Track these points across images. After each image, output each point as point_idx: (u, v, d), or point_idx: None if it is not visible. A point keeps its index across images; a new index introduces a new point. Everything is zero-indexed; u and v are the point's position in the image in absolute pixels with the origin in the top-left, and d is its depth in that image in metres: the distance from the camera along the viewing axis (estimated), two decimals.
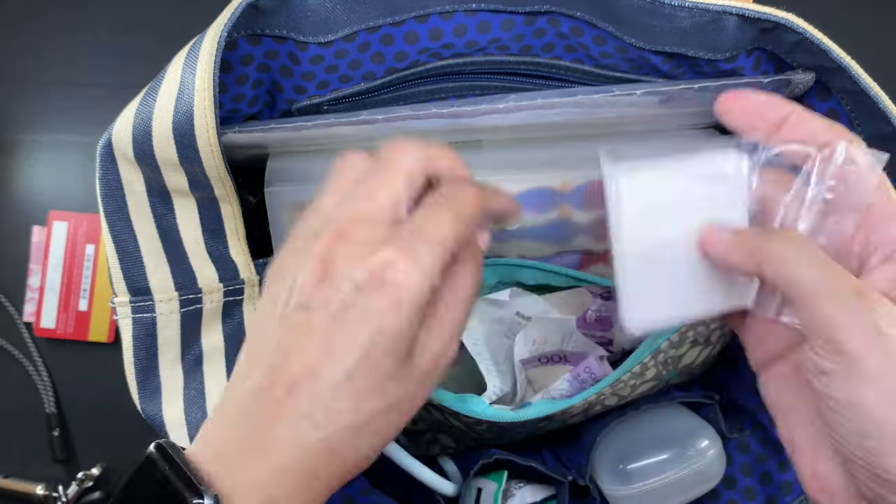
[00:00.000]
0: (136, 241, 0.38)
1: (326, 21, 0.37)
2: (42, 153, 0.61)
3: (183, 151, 0.34)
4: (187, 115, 0.34)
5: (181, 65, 0.35)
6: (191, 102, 0.33)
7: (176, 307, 0.38)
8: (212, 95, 0.33)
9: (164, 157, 0.35)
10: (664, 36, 0.38)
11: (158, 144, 0.35)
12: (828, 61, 0.36)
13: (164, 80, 0.35)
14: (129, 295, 0.38)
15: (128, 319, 0.38)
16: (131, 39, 0.61)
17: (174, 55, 0.60)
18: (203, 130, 0.34)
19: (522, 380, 0.42)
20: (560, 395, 0.41)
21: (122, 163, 0.37)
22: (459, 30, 0.40)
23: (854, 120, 0.38)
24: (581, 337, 0.43)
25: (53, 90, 0.61)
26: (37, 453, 0.58)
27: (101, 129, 0.60)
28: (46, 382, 0.59)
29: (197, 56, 0.34)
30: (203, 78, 0.33)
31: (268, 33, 0.37)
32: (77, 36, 0.61)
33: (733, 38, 0.38)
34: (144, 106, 0.35)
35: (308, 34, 0.38)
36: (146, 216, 0.38)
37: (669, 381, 0.43)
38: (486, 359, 0.42)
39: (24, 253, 0.60)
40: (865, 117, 0.38)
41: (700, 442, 0.40)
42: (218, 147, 0.34)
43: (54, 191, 0.61)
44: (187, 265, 0.38)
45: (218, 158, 0.34)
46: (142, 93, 0.36)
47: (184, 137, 0.34)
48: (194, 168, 0.35)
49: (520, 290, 0.44)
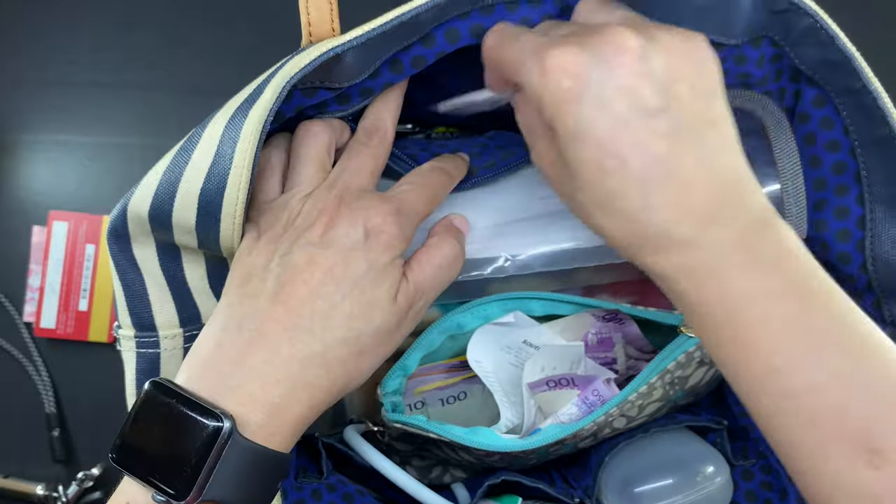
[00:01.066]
0: (142, 281, 0.38)
1: (360, 68, 0.37)
2: (42, 153, 0.60)
3: (203, 219, 0.35)
4: (219, 185, 0.34)
5: (219, 133, 0.35)
6: (225, 175, 0.34)
7: (180, 343, 0.39)
8: (249, 173, 0.33)
9: (179, 221, 0.35)
10: (682, 14, 0.38)
11: (179, 207, 0.35)
12: (833, 51, 0.36)
13: (199, 143, 0.35)
14: (135, 330, 0.39)
15: (132, 353, 0.39)
16: (131, 39, 0.61)
17: (174, 55, 0.60)
18: (231, 204, 0.34)
19: (531, 405, 0.43)
20: (569, 420, 0.41)
21: (133, 220, 0.37)
22: (476, 29, 0.39)
23: (849, 127, 0.38)
24: (589, 361, 0.44)
25: (53, 90, 0.60)
26: (37, 453, 0.59)
27: (102, 128, 0.60)
28: (46, 382, 0.59)
29: (239, 131, 0.34)
30: (242, 156, 0.33)
31: (299, 87, 0.37)
32: (77, 36, 0.60)
33: (746, 20, 0.37)
34: (175, 166, 0.35)
35: (343, 81, 0.38)
36: (153, 262, 0.38)
37: (677, 401, 0.44)
38: (497, 390, 0.43)
39: (24, 253, 0.59)
40: (862, 122, 0.38)
41: (708, 468, 0.41)
42: (241, 221, 0.34)
43: (54, 191, 0.60)
44: (192, 302, 0.39)
45: (237, 231, 0.35)
46: (173, 152, 0.36)
47: (209, 206, 0.34)
48: (209, 235, 0.35)
49: (524, 316, 0.44)
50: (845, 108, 0.38)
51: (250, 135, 0.33)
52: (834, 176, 0.39)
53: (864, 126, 0.38)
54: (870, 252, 0.39)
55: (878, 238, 0.39)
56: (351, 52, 0.35)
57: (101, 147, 0.60)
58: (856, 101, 0.37)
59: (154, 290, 0.38)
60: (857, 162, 0.39)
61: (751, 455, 0.44)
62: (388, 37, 0.35)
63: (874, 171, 0.38)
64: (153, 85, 0.60)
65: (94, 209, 0.60)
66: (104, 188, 0.60)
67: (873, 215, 0.39)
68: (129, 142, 0.60)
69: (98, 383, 0.59)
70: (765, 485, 0.42)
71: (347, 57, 0.35)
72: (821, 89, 0.39)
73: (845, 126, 0.39)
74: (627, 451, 0.43)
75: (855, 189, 0.39)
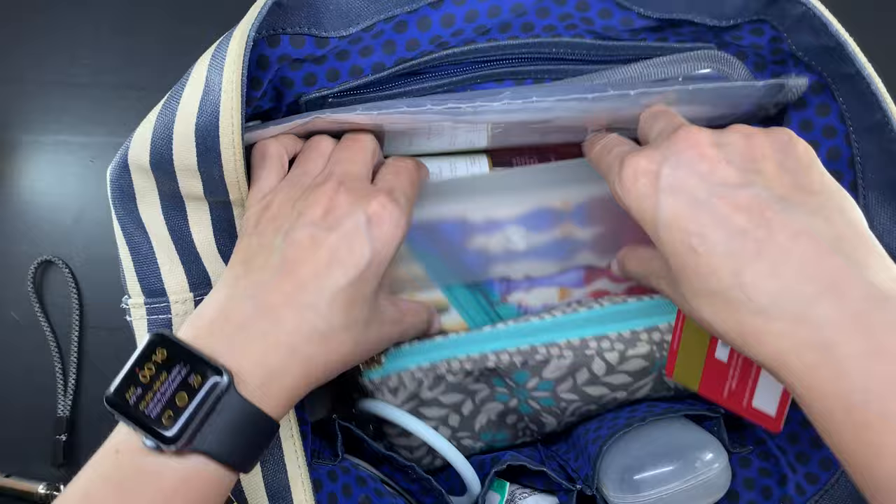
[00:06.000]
0: (149, 244, 0.38)
1: (347, 13, 0.37)
2: (43, 153, 0.61)
3: (204, 155, 0.34)
4: (212, 115, 0.33)
5: (206, 67, 0.34)
6: (217, 103, 0.33)
7: (191, 307, 0.38)
8: (239, 95, 0.33)
9: (182, 163, 0.35)
10: (673, 2, 0.39)
11: (178, 148, 0.34)
12: (827, 38, 0.37)
13: (188, 83, 0.35)
14: (144, 297, 0.38)
15: (143, 321, 0.39)
16: (132, 39, 0.61)
17: (174, 55, 0.60)
18: (228, 131, 0.33)
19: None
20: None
21: (136, 171, 0.37)
22: (471, 15, 0.40)
23: (845, 113, 0.39)
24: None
25: (54, 90, 0.61)
26: (39, 453, 0.58)
27: (102, 128, 0.60)
28: (71, 387, 0.59)
29: (224, 56, 0.33)
30: (230, 78, 0.33)
31: (288, 31, 0.37)
32: (78, 36, 0.61)
33: (740, 5, 0.39)
34: (167, 110, 0.35)
35: (329, 29, 0.37)
36: (158, 221, 0.38)
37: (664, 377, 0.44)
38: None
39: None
40: (857, 108, 0.38)
41: (706, 454, 0.41)
42: (241, 149, 0.34)
43: (55, 191, 0.60)
44: (200, 265, 0.38)
45: (239, 161, 0.34)
46: (163, 99, 0.36)
47: (207, 139, 0.34)
48: (212, 172, 0.35)
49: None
50: (841, 95, 0.39)
51: (236, 55, 0.33)
52: (828, 161, 0.40)
53: (859, 112, 0.38)
54: None
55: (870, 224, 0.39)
56: None
57: (102, 147, 0.61)
58: (851, 87, 0.38)
59: (162, 253, 0.38)
60: (852, 148, 0.39)
61: (748, 442, 0.44)
62: None
63: (868, 158, 0.39)
64: (153, 85, 0.61)
65: (95, 209, 0.60)
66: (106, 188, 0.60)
67: (866, 201, 0.39)
68: None
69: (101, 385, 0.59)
70: (763, 471, 0.42)
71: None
72: (818, 75, 0.39)
73: (841, 112, 0.39)
74: (626, 440, 0.43)
75: (848, 175, 0.40)
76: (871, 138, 0.38)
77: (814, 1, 0.37)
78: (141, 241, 0.38)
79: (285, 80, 0.41)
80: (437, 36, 0.40)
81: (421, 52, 0.41)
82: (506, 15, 0.41)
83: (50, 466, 0.58)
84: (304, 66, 0.40)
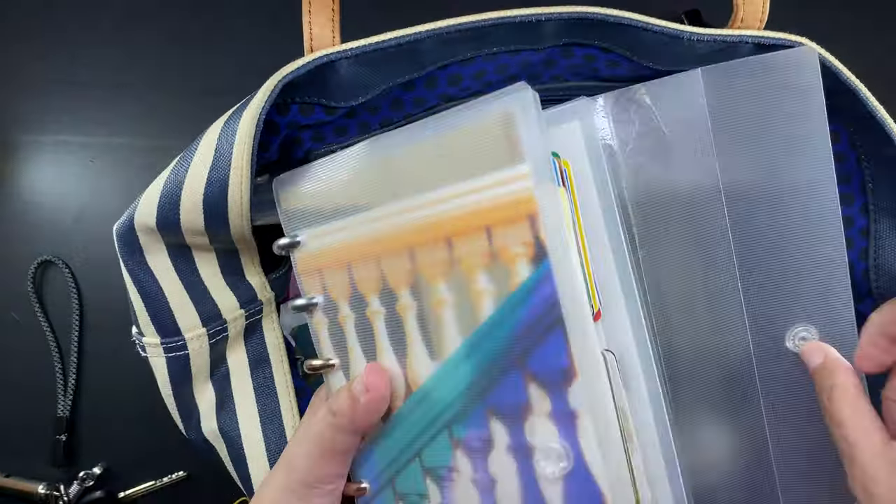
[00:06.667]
0: (159, 287, 0.39)
1: (356, 86, 0.37)
2: (43, 153, 0.60)
3: (211, 221, 0.35)
4: (220, 189, 0.34)
5: (216, 138, 0.35)
6: (225, 178, 0.34)
7: (206, 342, 0.39)
8: (249, 175, 0.34)
9: (189, 226, 0.36)
10: (684, 59, 0.39)
11: (186, 214, 0.35)
12: (837, 84, 0.36)
13: (197, 152, 0.36)
14: (160, 336, 0.39)
15: (161, 359, 0.40)
16: (132, 39, 0.60)
17: (174, 55, 0.60)
18: (237, 206, 0.35)
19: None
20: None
21: (141, 231, 0.38)
22: (479, 73, 0.40)
23: (853, 136, 0.39)
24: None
25: (55, 90, 0.60)
26: (39, 453, 0.59)
27: (102, 128, 0.60)
28: (71, 387, 0.59)
29: (234, 132, 0.34)
30: (240, 157, 0.34)
31: (297, 101, 0.38)
32: (78, 36, 0.60)
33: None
34: (175, 175, 0.36)
35: (339, 100, 0.38)
36: (167, 265, 0.39)
37: None
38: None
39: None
40: (866, 138, 0.38)
41: None
42: (249, 219, 0.35)
43: (55, 191, 0.60)
44: (209, 298, 0.39)
45: (247, 228, 0.36)
46: (172, 164, 0.36)
47: (214, 209, 0.35)
48: (220, 234, 0.36)
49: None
50: (851, 125, 0.39)
51: (246, 135, 0.34)
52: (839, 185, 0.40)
53: (870, 142, 0.38)
54: (874, 262, 0.39)
55: (882, 249, 0.39)
56: (345, 64, 0.35)
57: (103, 147, 0.60)
58: (862, 124, 0.38)
59: (172, 296, 0.39)
60: (863, 172, 0.39)
61: None
62: (386, 56, 0.36)
63: (881, 184, 0.38)
64: (153, 85, 0.60)
65: (95, 209, 0.60)
66: (106, 188, 0.60)
67: (878, 226, 0.39)
68: (130, 142, 0.60)
69: (108, 388, 0.59)
70: None
71: (342, 69, 0.35)
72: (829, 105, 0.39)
73: (850, 137, 0.39)
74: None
75: (860, 199, 0.39)
76: (885, 169, 0.38)
77: (822, 51, 0.36)
78: (151, 288, 0.39)
79: (295, 139, 0.41)
80: (445, 93, 0.40)
81: (427, 107, 0.41)
82: (513, 70, 0.40)
83: (50, 466, 0.58)
84: (312, 128, 0.41)
